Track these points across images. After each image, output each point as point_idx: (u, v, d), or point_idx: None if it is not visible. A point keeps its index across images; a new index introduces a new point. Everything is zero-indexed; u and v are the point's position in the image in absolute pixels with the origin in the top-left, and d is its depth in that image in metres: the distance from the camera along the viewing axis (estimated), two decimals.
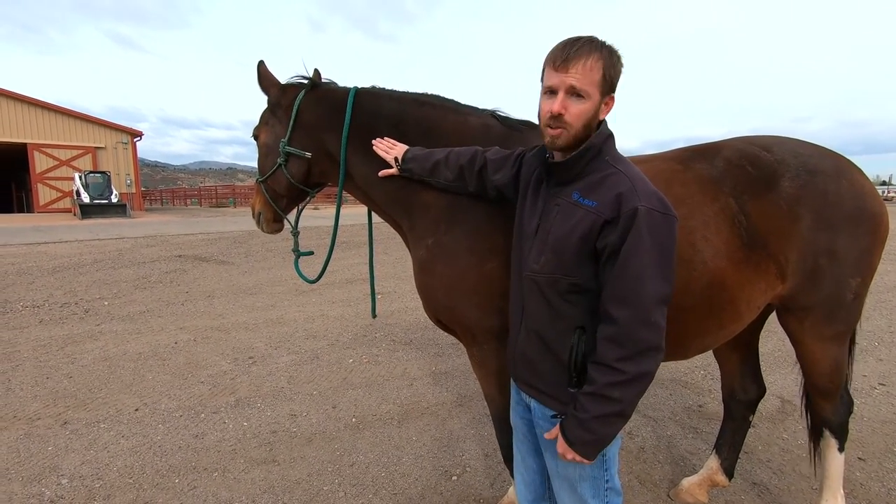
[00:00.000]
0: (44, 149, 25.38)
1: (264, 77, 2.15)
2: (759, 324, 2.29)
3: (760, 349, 2.50)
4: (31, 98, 25.24)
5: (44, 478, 2.67)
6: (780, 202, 1.75)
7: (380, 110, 1.98)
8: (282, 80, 2.16)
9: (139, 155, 29.60)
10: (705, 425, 3.28)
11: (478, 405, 3.54)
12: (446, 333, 2.11)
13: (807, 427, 2.29)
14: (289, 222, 2.31)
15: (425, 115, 1.98)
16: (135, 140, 28.47)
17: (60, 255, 10.20)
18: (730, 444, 2.43)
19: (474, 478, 2.69)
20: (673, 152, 2.00)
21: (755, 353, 2.45)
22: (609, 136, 1.33)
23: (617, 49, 1.25)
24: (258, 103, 2.24)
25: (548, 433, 1.40)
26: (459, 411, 3.47)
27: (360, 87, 2.04)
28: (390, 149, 1.90)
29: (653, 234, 1.18)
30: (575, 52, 1.21)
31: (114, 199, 23.15)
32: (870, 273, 1.85)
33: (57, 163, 25.71)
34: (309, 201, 2.36)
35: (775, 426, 3.26)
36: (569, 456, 1.29)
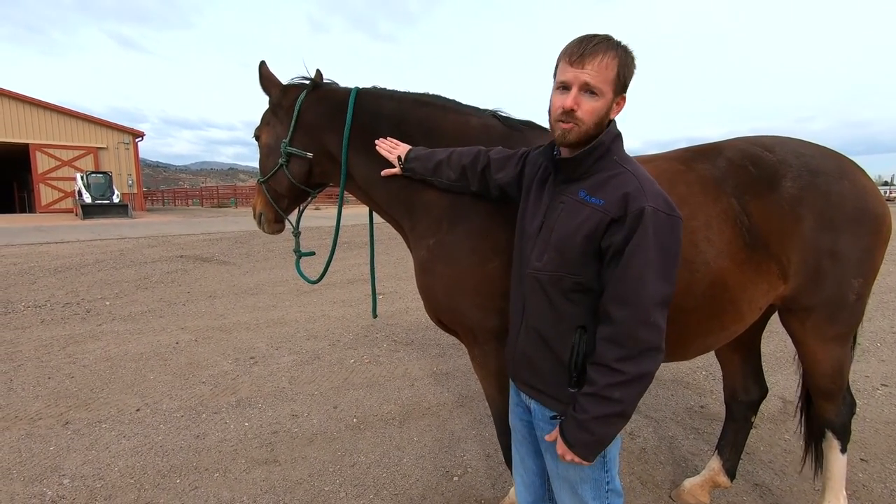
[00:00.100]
0: (46, 149, 25.46)
1: (266, 77, 2.16)
2: (761, 324, 2.29)
3: (762, 350, 2.49)
4: (34, 98, 25.33)
5: (45, 478, 2.67)
6: (783, 203, 1.75)
7: (381, 111, 1.98)
8: (283, 81, 2.16)
9: (141, 155, 29.67)
10: (707, 426, 3.27)
11: (479, 406, 3.54)
12: (447, 334, 2.11)
13: (800, 427, 2.29)
14: (290, 223, 2.32)
15: (426, 115, 1.98)
16: (136, 140, 28.54)
17: (62, 256, 10.21)
18: (732, 444, 2.42)
19: (475, 478, 2.69)
20: (675, 152, 2.00)
21: (757, 353, 2.44)
22: (618, 135, 1.33)
23: (632, 50, 1.25)
24: (260, 104, 2.25)
25: (548, 435, 1.39)
26: (461, 412, 3.47)
27: (361, 87, 2.04)
28: (393, 148, 1.90)
29: (658, 235, 1.18)
30: (591, 48, 1.21)
31: (115, 200, 23.19)
32: (872, 274, 1.85)
33: (59, 163, 25.79)
34: (310, 202, 2.37)
35: (777, 427, 3.25)
36: (567, 457, 1.29)
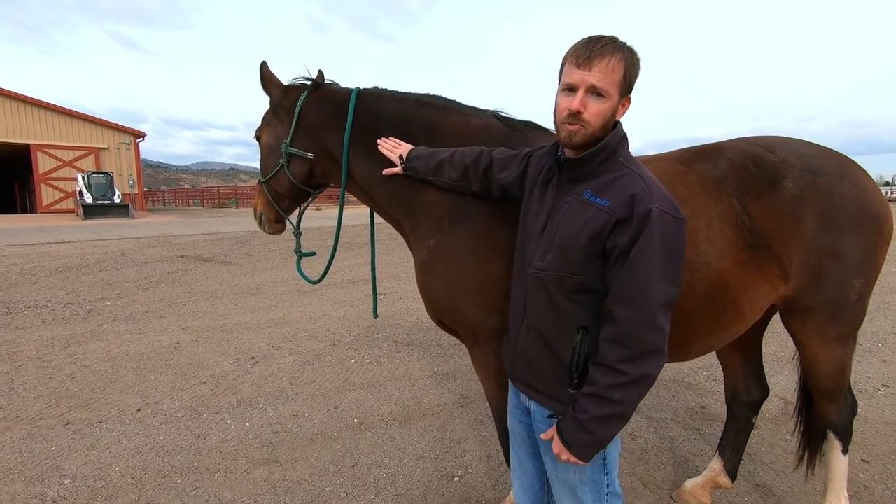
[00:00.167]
0: (47, 149, 25.49)
1: (267, 78, 2.16)
2: (762, 325, 2.28)
3: (763, 350, 2.49)
4: (35, 99, 25.36)
5: (46, 478, 2.68)
6: (784, 203, 1.75)
7: (382, 111, 1.98)
8: (284, 81, 2.17)
9: (142, 155, 29.68)
10: (708, 427, 3.27)
11: (480, 406, 3.53)
12: (448, 334, 2.11)
13: (797, 427, 2.29)
14: (291, 223, 2.32)
15: (427, 115, 1.98)
16: (137, 141, 28.55)
17: (63, 256, 10.22)
18: (733, 445, 2.42)
19: (476, 479, 2.69)
20: (676, 153, 1.99)
21: (758, 354, 2.44)
22: (623, 137, 1.32)
23: (637, 51, 1.25)
24: (260, 104, 2.25)
25: (543, 434, 1.39)
26: (461, 412, 3.47)
27: (362, 87, 2.04)
28: (395, 148, 1.91)
29: (664, 237, 1.18)
30: (598, 50, 1.20)
31: (116, 200, 23.22)
32: (874, 274, 1.84)
33: (60, 163, 25.81)
34: (311, 202, 2.37)
35: (778, 428, 3.24)
36: (563, 457, 1.28)
